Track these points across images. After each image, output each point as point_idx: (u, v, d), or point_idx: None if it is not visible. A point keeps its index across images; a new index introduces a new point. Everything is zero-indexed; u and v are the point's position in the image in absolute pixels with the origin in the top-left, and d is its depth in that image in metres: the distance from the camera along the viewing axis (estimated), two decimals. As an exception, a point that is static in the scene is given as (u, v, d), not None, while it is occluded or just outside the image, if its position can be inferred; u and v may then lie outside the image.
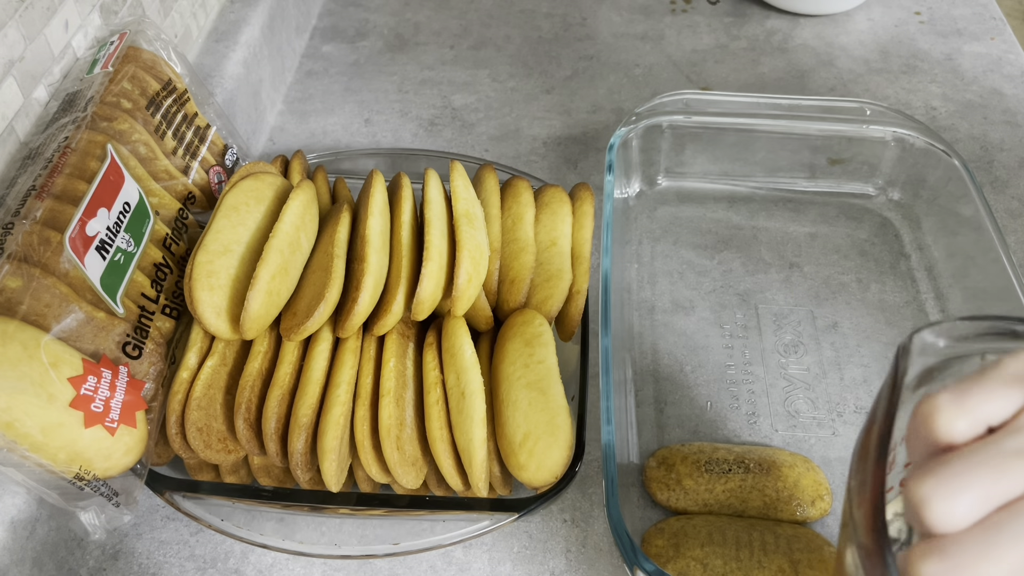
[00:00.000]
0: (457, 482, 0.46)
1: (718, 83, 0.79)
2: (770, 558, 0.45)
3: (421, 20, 0.87)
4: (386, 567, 0.48)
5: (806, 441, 0.52)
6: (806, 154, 0.66)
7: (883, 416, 0.31)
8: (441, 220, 0.50)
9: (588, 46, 0.83)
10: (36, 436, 0.39)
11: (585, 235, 0.55)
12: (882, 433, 0.30)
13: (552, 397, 0.46)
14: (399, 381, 0.47)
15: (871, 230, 0.65)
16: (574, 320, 0.52)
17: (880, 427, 0.30)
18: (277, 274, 0.46)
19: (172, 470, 0.48)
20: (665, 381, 0.56)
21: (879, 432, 0.30)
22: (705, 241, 0.64)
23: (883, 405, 0.31)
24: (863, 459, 0.31)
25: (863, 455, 0.31)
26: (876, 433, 0.30)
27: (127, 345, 0.43)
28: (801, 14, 0.86)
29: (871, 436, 0.31)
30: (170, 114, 0.54)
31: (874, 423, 0.31)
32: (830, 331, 0.58)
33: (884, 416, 0.31)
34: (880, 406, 0.31)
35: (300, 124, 0.75)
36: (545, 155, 0.72)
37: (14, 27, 0.47)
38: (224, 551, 0.49)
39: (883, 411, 0.31)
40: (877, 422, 0.31)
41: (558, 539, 0.49)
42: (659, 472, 0.49)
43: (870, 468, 0.30)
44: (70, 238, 0.42)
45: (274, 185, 0.52)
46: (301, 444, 0.44)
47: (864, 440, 0.31)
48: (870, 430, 0.31)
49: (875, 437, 0.30)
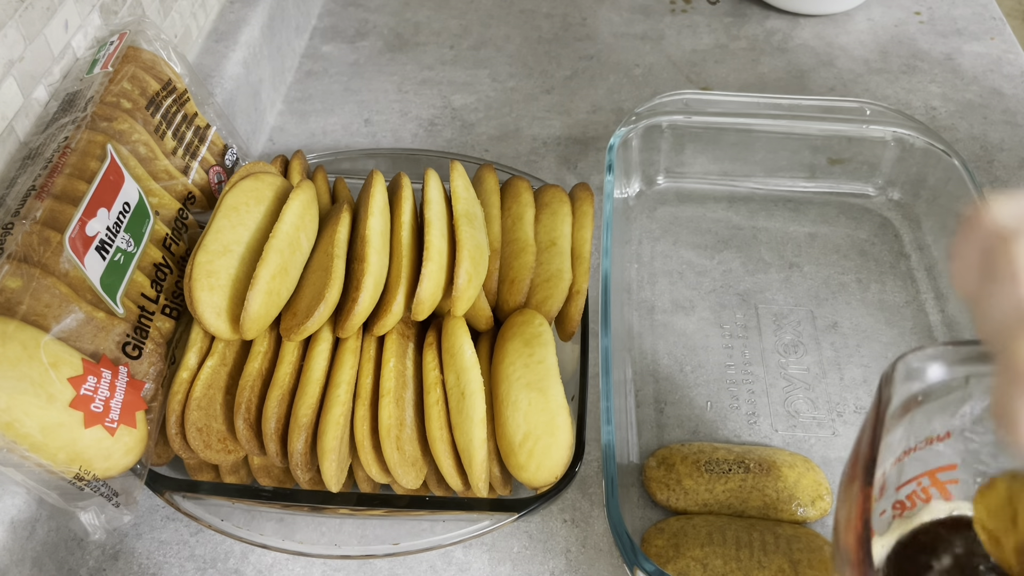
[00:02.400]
0: (457, 482, 0.46)
1: (718, 83, 0.79)
2: (770, 558, 0.45)
3: (421, 20, 0.87)
4: (386, 567, 0.48)
5: (806, 441, 0.52)
6: (806, 154, 0.66)
7: (868, 444, 0.30)
8: (441, 220, 0.50)
9: (588, 46, 0.83)
10: (36, 436, 0.39)
11: (585, 235, 0.55)
12: (867, 462, 0.30)
13: (552, 397, 0.46)
14: (399, 381, 0.47)
15: (871, 230, 0.65)
16: (574, 320, 0.52)
17: (865, 456, 0.30)
18: (277, 274, 0.46)
19: (172, 470, 0.48)
20: (665, 381, 0.56)
21: (864, 461, 0.30)
22: (705, 241, 0.64)
23: (867, 434, 0.31)
24: (849, 486, 0.30)
25: (849, 482, 0.31)
26: (861, 462, 0.30)
27: (127, 345, 0.43)
28: (801, 14, 0.86)
29: (856, 465, 0.31)
30: (170, 114, 0.54)
31: (859, 453, 0.31)
32: (830, 331, 0.58)
33: (869, 444, 0.30)
34: (864, 436, 0.31)
35: (300, 124, 0.75)
36: (545, 155, 0.72)
37: (14, 27, 0.47)
38: (224, 551, 0.49)
39: (867, 440, 0.31)
40: (862, 451, 0.31)
41: (558, 539, 0.49)
42: (659, 472, 0.49)
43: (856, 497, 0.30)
44: (70, 238, 0.42)
45: (274, 185, 0.52)
46: (301, 444, 0.44)
47: (850, 470, 0.31)
48: (855, 460, 0.31)
49: (860, 466, 0.30)
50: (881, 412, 0.31)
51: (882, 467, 0.33)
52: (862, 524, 0.28)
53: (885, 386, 0.32)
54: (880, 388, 0.32)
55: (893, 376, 0.32)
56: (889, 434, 0.32)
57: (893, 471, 0.35)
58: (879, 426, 0.31)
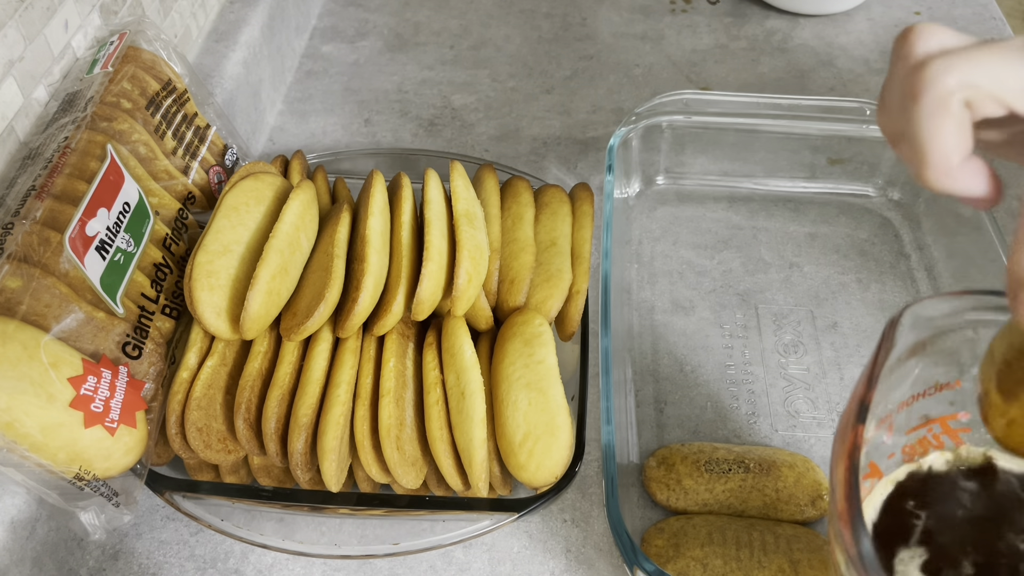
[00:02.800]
0: (457, 482, 0.46)
1: (718, 83, 0.79)
2: (770, 558, 0.45)
3: (421, 20, 0.87)
4: (386, 567, 0.48)
5: (806, 441, 0.52)
6: (806, 154, 0.66)
7: (863, 383, 0.31)
8: (441, 220, 0.50)
9: (588, 46, 0.83)
10: (36, 436, 0.39)
11: (585, 235, 0.55)
12: (861, 399, 0.31)
13: (552, 397, 0.46)
14: (399, 381, 0.47)
15: (871, 230, 0.65)
16: (574, 320, 0.52)
17: (859, 394, 0.31)
18: (277, 274, 0.46)
19: (172, 470, 0.48)
20: (665, 381, 0.56)
21: (858, 398, 0.31)
22: (705, 241, 0.64)
23: (865, 373, 0.31)
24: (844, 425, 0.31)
25: (845, 420, 0.31)
26: (856, 399, 0.31)
27: (127, 345, 0.43)
28: (801, 14, 0.86)
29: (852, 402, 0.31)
30: (170, 114, 0.54)
31: (855, 391, 0.32)
32: (830, 331, 0.58)
33: (865, 383, 0.31)
34: (863, 375, 0.32)
35: (300, 124, 0.75)
36: (545, 155, 0.72)
37: (14, 27, 0.47)
38: (224, 551, 0.49)
39: (864, 379, 0.31)
40: (857, 389, 0.31)
41: (558, 539, 0.49)
42: (659, 472, 0.49)
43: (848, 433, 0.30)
44: (70, 238, 0.42)
45: (274, 185, 0.52)
46: (301, 444, 0.44)
47: (847, 408, 0.32)
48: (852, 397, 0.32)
49: (854, 402, 0.31)
50: (882, 354, 0.31)
51: (886, 407, 0.34)
52: (850, 460, 0.29)
53: (890, 329, 0.32)
54: (885, 332, 0.32)
55: (900, 321, 0.32)
56: (894, 376, 0.33)
57: (901, 414, 0.35)
58: (878, 366, 0.31)
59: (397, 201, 0.51)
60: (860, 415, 0.30)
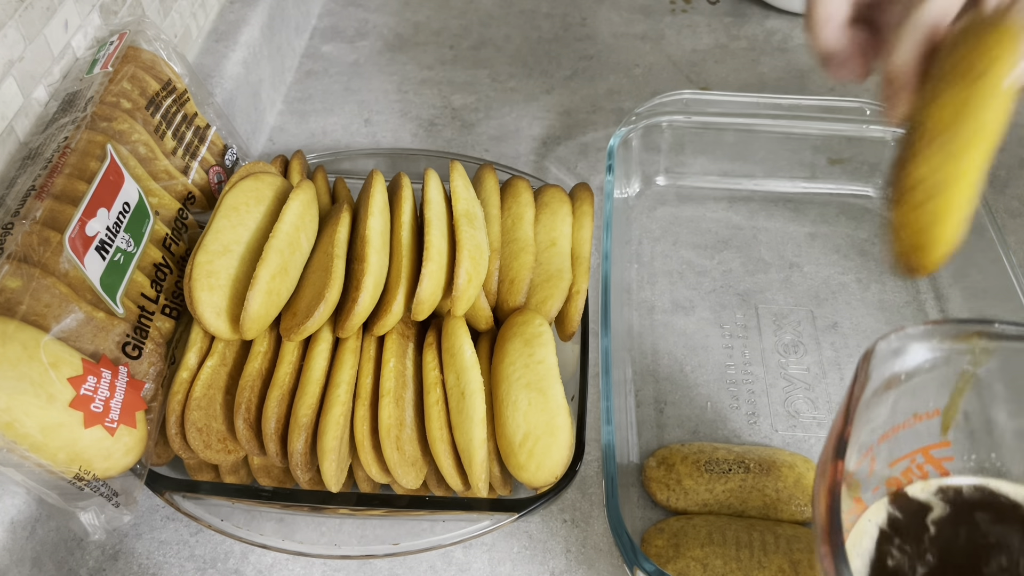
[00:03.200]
0: (457, 482, 0.46)
1: (718, 83, 0.79)
2: (770, 558, 0.45)
3: (421, 20, 0.87)
4: (386, 567, 0.48)
5: (806, 441, 0.52)
6: (806, 154, 0.66)
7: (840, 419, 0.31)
8: (441, 220, 0.50)
9: (588, 46, 0.83)
10: (36, 436, 0.39)
11: (585, 235, 0.55)
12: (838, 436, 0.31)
13: (552, 397, 0.46)
14: (399, 381, 0.47)
15: (871, 230, 0.65)
16: (574, 320, 0.52)
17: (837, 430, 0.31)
18: (277, 274, 0.46)
19: (172, 470, 0.48)
20: (665, 381, 0.56)
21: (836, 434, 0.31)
22: (705, 241, 0.64)
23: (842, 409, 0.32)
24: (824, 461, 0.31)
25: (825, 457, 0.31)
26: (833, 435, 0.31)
27: (127, 345, 0.43)
28: (801, 14, 0.86)
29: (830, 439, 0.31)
30: (170, 114, 0.54)
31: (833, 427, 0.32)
32: (830, 331, 0.58)
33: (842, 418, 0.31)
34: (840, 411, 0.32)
35: (300, 124, 0.75)
36: (545, 155, 0.72)
37: (14, 27, 0.47)
38: (224, 551, 0.49)
39: (841, 414, 0.31)
40: (835, 425, 0.31)
41: (558, 539, 0.49)
42: (659, 472, 0.49)
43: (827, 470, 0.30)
44: (70, 238, 0.42)
45: (274, 185, 0.52)
46: (301, 444, 0.44)
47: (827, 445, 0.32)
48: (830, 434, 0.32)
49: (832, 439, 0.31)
50: (858, 389, 0.32)
51: (866, 442, 0.34)
52: (830, 496, 0.29)
53: (864, 363, 0.32)
54: (859, 365, 0.32)
55: (873, 354, 0.32)
56: (872, 410, 0.33)
57: (882, 447, 0.35)
58: (854, 402, 0.31)
59: (397, 201, 0.51)
60: (839, 450, 0.30)
